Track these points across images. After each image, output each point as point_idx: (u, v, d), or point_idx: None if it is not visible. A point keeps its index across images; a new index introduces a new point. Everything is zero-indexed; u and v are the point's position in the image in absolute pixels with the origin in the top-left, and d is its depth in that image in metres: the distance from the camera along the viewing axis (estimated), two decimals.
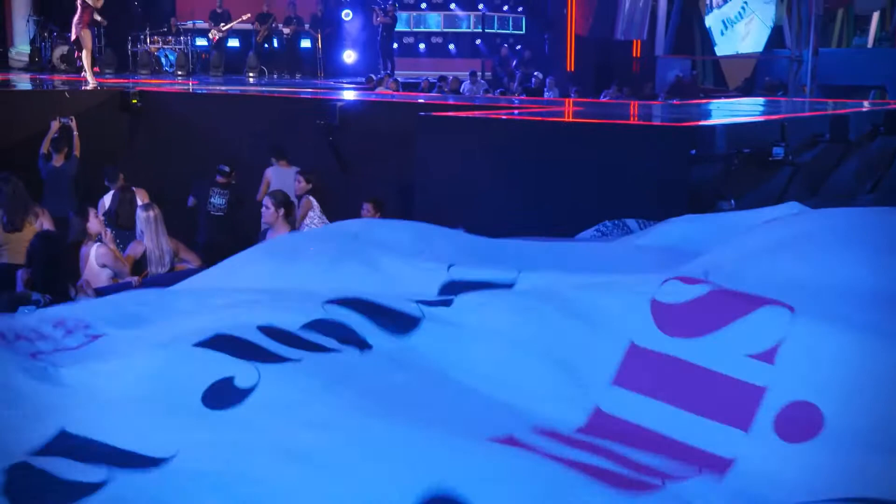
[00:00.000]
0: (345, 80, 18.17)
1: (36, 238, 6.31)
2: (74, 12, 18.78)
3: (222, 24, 18.88)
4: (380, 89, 15.68)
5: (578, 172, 6.68)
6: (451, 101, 11.04)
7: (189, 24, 19.18)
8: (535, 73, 18.00)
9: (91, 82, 13.56)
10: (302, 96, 12.50)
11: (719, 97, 16.02)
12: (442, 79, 17.10)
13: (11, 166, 9.87)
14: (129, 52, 18.77)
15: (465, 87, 17.43)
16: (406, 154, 8.30)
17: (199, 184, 9.44)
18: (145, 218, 6.67)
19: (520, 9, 21.70)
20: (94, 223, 6.54)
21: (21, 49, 18.92)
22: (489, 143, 7.50)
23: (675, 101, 13.76)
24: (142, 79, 16.59)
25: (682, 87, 18.77)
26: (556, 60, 20.63)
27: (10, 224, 7.39)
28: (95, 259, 6.13)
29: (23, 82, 13.98)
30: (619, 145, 6.76)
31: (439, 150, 7.84)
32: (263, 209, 6.24)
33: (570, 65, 20.58)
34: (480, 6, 20.80)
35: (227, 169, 9.14)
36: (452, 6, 20.87)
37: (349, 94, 13.12)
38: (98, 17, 13.62)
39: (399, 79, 17.10)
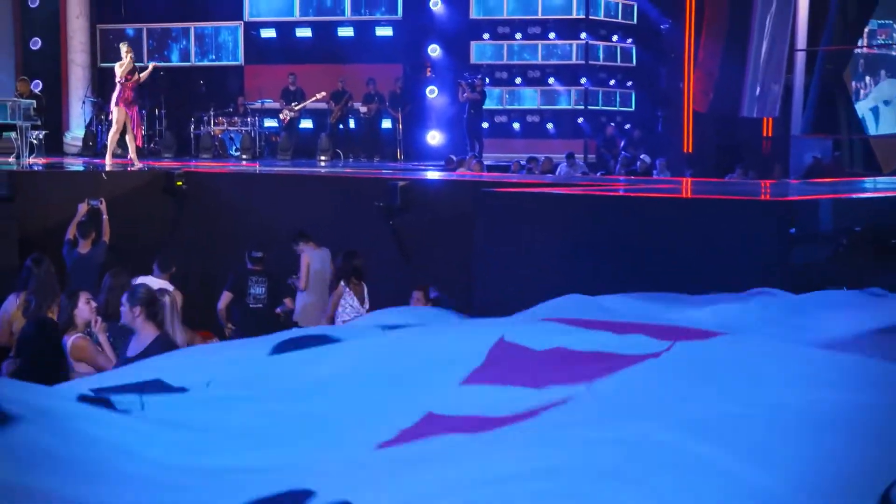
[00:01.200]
0: (427, 163, 18.15)
1: (29, 324, 6.19)
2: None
3: (294, 104, 19.26)
4: (461, 171, 15.54)
5: (662, 250, 6.32)
6: (523, 179, 10.75)
7: (258, 104, 19.61)
8: (642, 156, 17.60)
9: (108, 164, 14.02)
10: (359, 176, 12.46)
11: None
12: (532, 160, 16.89)
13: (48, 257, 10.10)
14: (192, 135, 19.26)
15: (562, 169, 17.18)
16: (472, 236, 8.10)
17: (235, 275, 9.34)
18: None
19: (629, 83, 21.51)
20: (84, 310, 6.40)
21: (76, 133, 19.65)
22: (556, 218, 7.20)
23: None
24: (198, 161, 16.91)
25: (821, 171, 18.04)
26: (670, 140, 20.26)
27: (38, 309, 7.28)
28: (69, 353, 5.93)
29: (72, 166, 14.36)
30: (709, 220, 6.36)
31: (501, 228, 7.59)
32: (121, 307, 5.60)
33: (688, 145, 20.14)
34: (583, 80, 20.69)
35: (259, 255, 9.02)
36: (551, 81, 20.83)
37: (423, 175, 13.01)
38: (139, 76, 13.89)
39: (488, 162, 16.96)
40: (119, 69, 14.11)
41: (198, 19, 20.98)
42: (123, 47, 14.25)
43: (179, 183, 12.29)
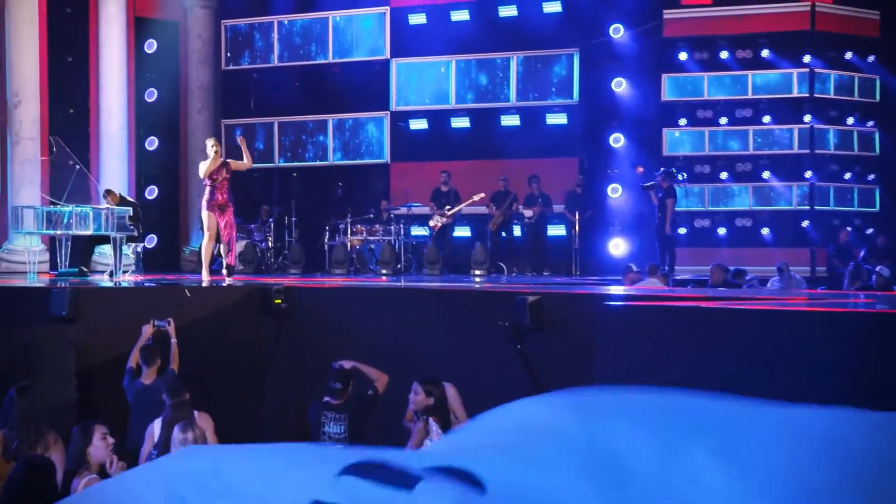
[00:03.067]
0: (608, 277, 17.60)
1: (19, 465, 6.02)
2: (257, 210, 20.24)
3: (447, 208, 19.18)
4: (641, 284, 14.85)
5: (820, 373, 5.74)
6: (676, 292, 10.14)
7: (403, 209, 19.66)
8: (878, 268, 16.38)
9: (205, 279, 14.31)
10: (481, 290, 12.21)
11: None
12: (738, 274, 16.01)
13: (106, 388, 10.15)
14: (326, 247, 19.41)
15: (773, 284, 16.26)
16: None
17: (314, 407, 9.06)
18: (181, 440, 6.70)
19: (870, 176, 20.39)
20: (100, 447, 6.37)
21: (195, 247, 20.17)
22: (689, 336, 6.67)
23: None
24: (330, 278, 16.93)
25: None
26: None
27: (22, 448, 7.29)
28: None
29: (153, 282, 14.59)
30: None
31: (629, 351, 7.13)
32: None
33: None
34: (808, 174, 19.72)
35: (339, 386, 8.67)
36: (766, 175, 19.97)
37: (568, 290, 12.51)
38: (228, 172, 14.12)
39: (685, 275, 16.23)
40: (203, 168, 14.40)
41: (336, 110, 21.54)
42: (209, 142, 14.51)
43: (278, 301, 12.27)
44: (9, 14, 18.34)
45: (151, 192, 20.97)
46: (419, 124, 21.11)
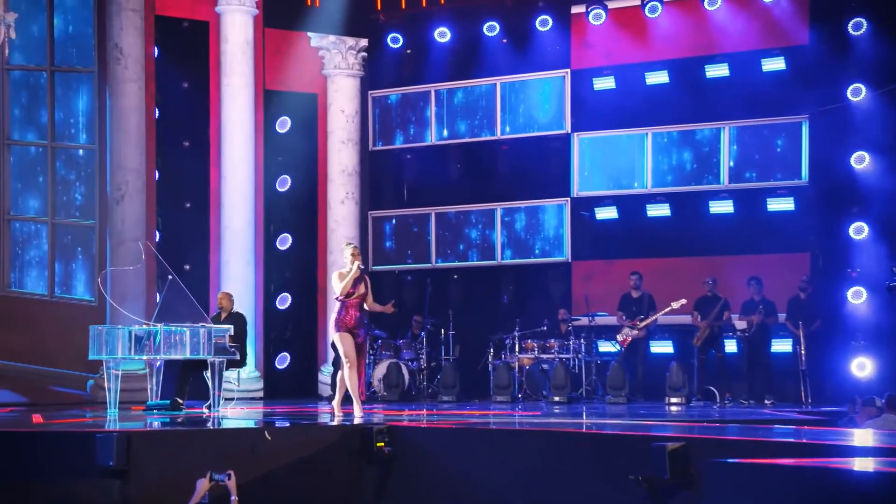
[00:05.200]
0: (844, 407, 16.85)
1: None
2: (407, 321, 20.30)
3: (639, 318, 18.82)
4: (877, 421, 14.12)
5: None
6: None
7: (584, 320, 19.35)
8: None
9: (337, 413, 14.30)
10: (611, 433, 12.10)
11: None
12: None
13: None
14: (490, 366, 19.27)
15: None
16: None
17: None
18: None
19: None
20: None
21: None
22: None
23: None
24: (490, 411, 16.77)
25: None
26: None
27: None
28: None
29: (238, 421, 14.65)
30: None
31: None
32: None
33: None
34: None
35: None
36: None
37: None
38: (367, 289, 14.13)
39: None
40: (338, 282, 14.32)
41: (506, 198, 21.43)
42: (348, 250, 14.50)
43: (381, 444, 12.16)
44: (112, 91, 18.79)
45: (283, 301, 21.00)
46: (607, 213, 20.76)
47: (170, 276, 15.60)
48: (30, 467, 11.50)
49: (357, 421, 13.38)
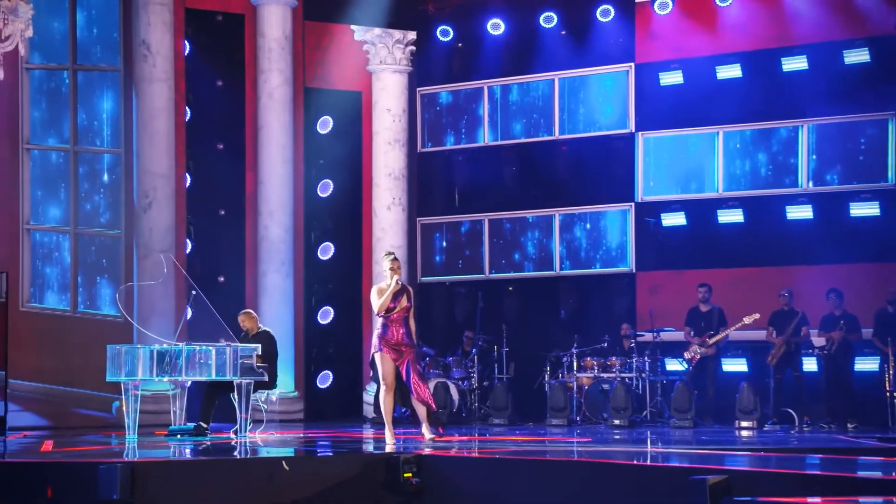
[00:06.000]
0: None
1: None
2: (458, 336, 20.18)
3: (709, 334, 18.67)
4: None
5: None
6: None
7: (649, 336, 19.21)
8: None
9: (389, 441, 14.23)
10: (649, 465, 11.95)
11: None
12: None
13: None
14: (545, 386, 19.17)
15: None
16: None
17: None
18: None
19: None
20: None
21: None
22: None
23: None
24: (541, 437, 16.67)
25: None
26: None
27: None
28: None
29: (264, 450, 14.65)
30: None
31: None
32: None
33: None
34: None
35: None
36: None
37: None
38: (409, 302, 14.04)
39: None
40: (377, 297, 14.24)
41: (564, 202, 21.32)
42: (387, 261, 14.42)
43: (408, 475, 12.04)
44: (138, 91, 18.80)
45: (325, 315, 20.92)
46: (674, 219, 20.59)
47: (193, 292, 15.63)
48: (31, 501, 11.51)
49: (426, 447, 13.38)
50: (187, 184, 19.55)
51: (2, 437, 16.14)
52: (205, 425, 15.58)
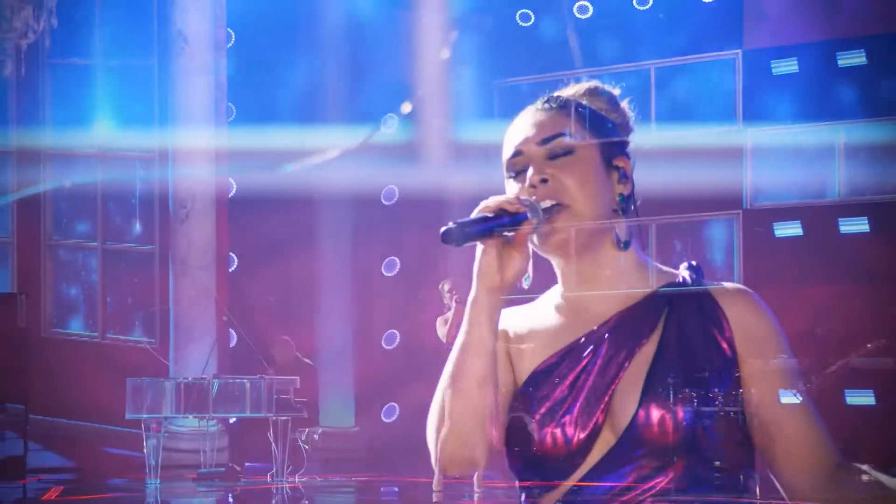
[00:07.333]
0: None
1: None
2: None
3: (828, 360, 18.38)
4: None
5: None
6: None
7: None
8: None
9: (436, 488, 14.56)
10: None
11: None
12: None
13: None
14: None
15: None
16: None
17: None
18: None
19: None
20: None
21: None
22: None
23: None
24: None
25: None
26: None
27: None
28: None
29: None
30: None
31: None
32: None
33: None
34: None
35: None
36: None
37: None
38: None
39: None
40: (441, 326, 14.37)
41: (663, 211, 20.90)
42: (446, 288, 14.47)
43: None
44: (174, 87, 18.93)
45: (391, 340, 21.09)
46: (789, 229, 20.19)
47: (224, 318, 15.60)
48: None
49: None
50: (231, 191, 19.45)
51: (20, 481, 16.15)
52: (237, 467, 15.54)
